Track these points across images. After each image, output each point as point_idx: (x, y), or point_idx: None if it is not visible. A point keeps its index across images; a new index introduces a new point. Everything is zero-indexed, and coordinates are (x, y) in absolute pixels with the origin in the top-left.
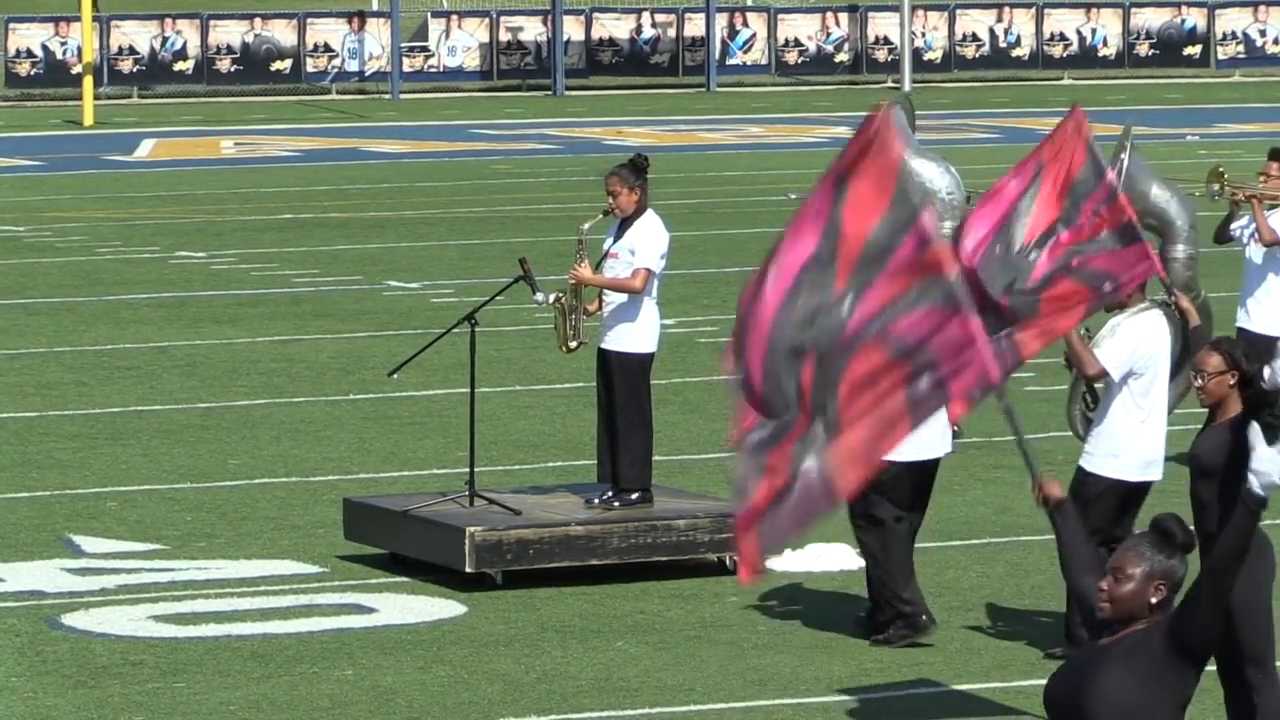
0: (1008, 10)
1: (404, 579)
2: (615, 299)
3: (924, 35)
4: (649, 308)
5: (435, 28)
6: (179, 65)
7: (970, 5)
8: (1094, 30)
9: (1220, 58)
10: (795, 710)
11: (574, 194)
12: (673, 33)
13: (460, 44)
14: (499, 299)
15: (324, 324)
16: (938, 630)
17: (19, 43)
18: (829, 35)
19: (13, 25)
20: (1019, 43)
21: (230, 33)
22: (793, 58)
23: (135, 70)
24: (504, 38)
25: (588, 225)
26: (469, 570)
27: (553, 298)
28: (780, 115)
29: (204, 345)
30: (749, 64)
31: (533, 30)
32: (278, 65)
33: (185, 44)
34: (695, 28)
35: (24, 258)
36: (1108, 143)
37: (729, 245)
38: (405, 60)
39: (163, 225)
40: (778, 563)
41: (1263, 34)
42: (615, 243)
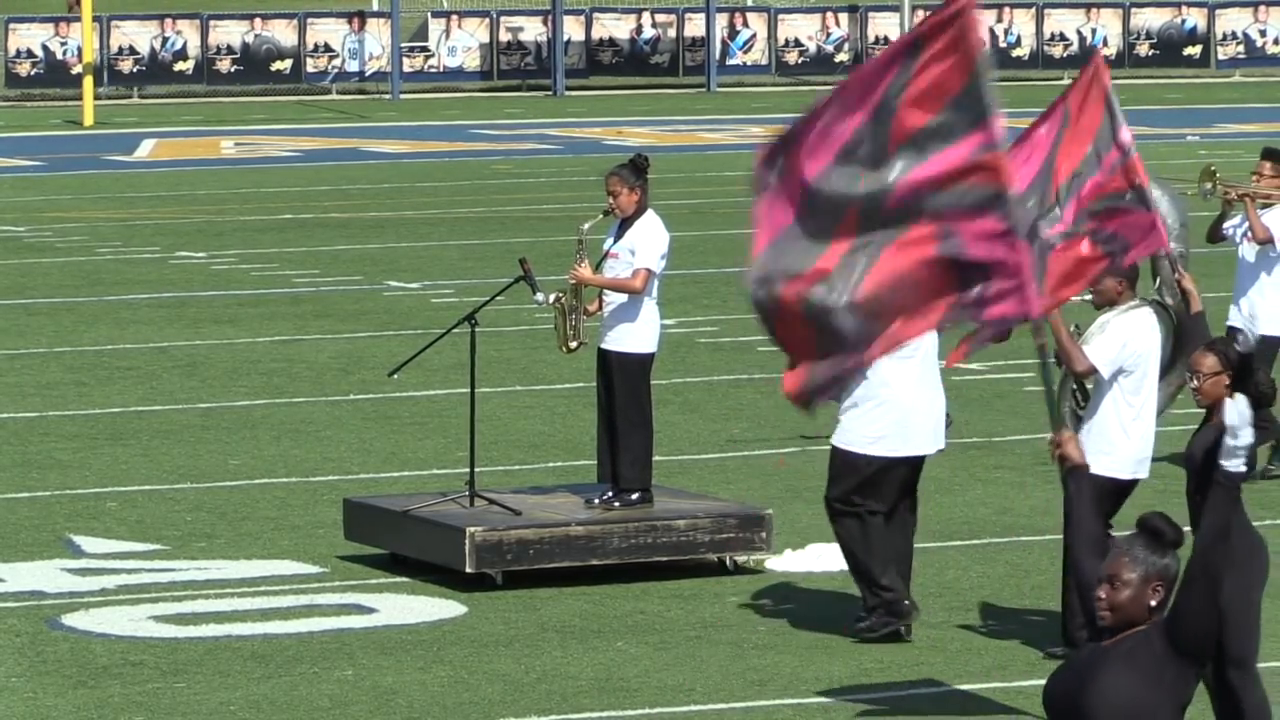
0: (1008, 10)
1: (404, 579)
2: (615, 299)
3: None
4: (649, 308)
5: (435, 28)
6: (179, 65)
7: None
8: (1094, 30)
9: (1220, 58)
10: (795, 710)
11: (574, 194)
12: (673, 33)
13: (460, 44)
14: (499, 299)
15: (324, 324)
16: (938, 631)
17: (19, 43)
18: (829, 35)
19: (13, 25)
20: (1019, 43)
21: (230, 33)
22: (793, 58)
23: (135, 70)
24: (504, 38)
25: (588, 225)
26: (469, 570)
27: (553, 298)
28: (780, 115)
29: (204, 345)
30: (749, 64)
31: (533, 30)
32: (278, 65)
33: (185, 44)
34: (695, 28)
35: (24, 258)
36: None
37: (729, 245)
38: (405, 60)
39: (163, 225)
40: (778, 563)
41: (1263, 34)
42: (615, 243)
